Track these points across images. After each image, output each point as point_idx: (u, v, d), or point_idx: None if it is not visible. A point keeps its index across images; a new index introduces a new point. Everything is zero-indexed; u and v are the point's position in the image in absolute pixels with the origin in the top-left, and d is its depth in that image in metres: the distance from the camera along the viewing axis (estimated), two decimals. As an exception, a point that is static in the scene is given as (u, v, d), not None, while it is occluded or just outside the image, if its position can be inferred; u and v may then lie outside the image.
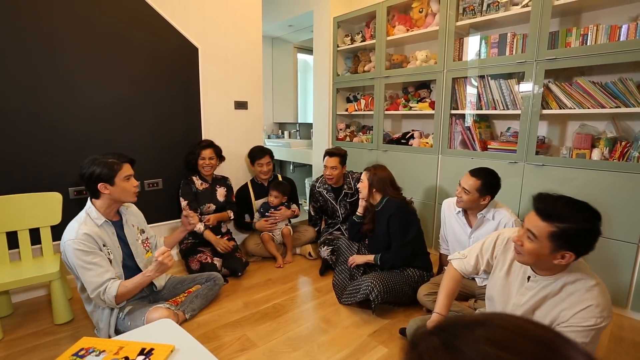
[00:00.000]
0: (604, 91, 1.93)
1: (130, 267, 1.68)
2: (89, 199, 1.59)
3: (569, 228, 1.05)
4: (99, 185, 1.55)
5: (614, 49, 1.84)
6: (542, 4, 2.02)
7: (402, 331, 1.72)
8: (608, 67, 2.01)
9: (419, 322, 1.49)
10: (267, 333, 1.77)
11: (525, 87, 2.14)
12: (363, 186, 2.16)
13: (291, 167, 4.37)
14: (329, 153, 2.57)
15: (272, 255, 2.62)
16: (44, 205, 1.92)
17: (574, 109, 2.02)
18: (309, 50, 4.35)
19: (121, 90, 2.23)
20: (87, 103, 2.12)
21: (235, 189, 2.73)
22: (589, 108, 1.98)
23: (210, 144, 2.45)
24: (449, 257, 1.55)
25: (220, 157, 2.53)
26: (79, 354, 0.90)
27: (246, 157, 2.86)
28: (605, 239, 1.95)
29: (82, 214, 1.56)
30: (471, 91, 2.45)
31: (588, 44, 1.95)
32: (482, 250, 1.42)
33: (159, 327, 1.06)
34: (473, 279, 1.93)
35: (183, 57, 2.46)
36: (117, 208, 1.67)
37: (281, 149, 4.16)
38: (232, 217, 2.58)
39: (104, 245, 1.54)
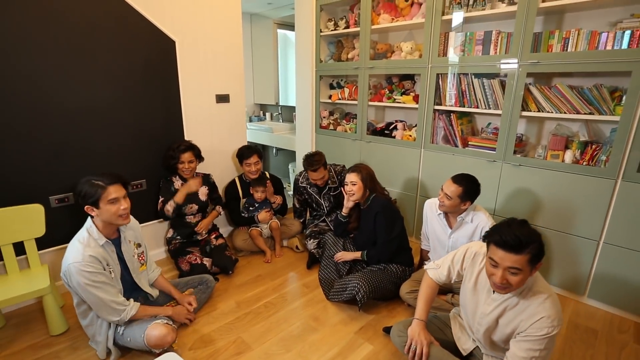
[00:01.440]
0: (580, 97, 2.00)
1: (127, 281, 1.72)
2: (89, 218, 1.60)
3: (536, 247, 1.19)
4: (85, 207, 1.55)
5: (591, 58, 1.89)
6: (528, 6, 2.02)
7: (386, 329, 1.87)
8: (586, 72, 2.07)
9: (401, 327, 1.62)
10: (260, 334, 1.88)
11: (507, 88, 2.19)
12: (358, 188, 2.17)
13: (274, 151, 4.35)
14: (311, 169, 2.50)
15: (261, 250, 2.69)
16: (26, 219, 1.88)
17: (552, 112, 2.10)
18: (289, 26, 4.16)
19: (97, 91, 2.12)
20: (61, 106, 2.01)
21: (220, 186, 2.72)
22: (565, 112, 2.06)
23: (189, 147, 2.40)
24: (425, 267, 1.68)
25: (199, 158, 2.49)
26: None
27: (234, 156, 2.83)
28: (571, 235, 2.13)
29: (83, 234, 1.57)
30: (455, 88, 2.48)
31: (568, 49, 1.99)
32: (453, 262, 1.55)
33: (164, 363, 1.13)
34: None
35: (160, 51, 2.32)
36: (116, 227, 1.67)
37: (263, 134, 4.10)
38: (221, 213, 2.60)
39: (107, 265, 1.59)
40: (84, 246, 1.51)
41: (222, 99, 2.70)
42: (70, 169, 2.10)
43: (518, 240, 1.17)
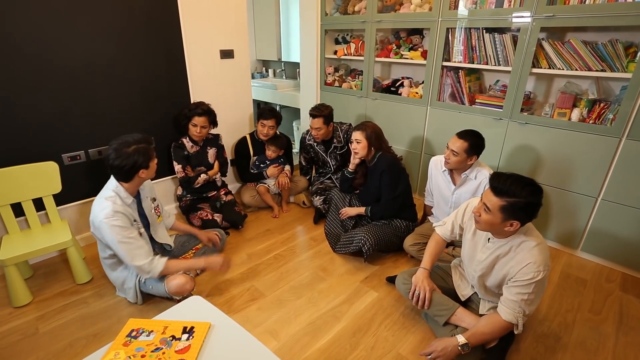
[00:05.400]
0: (593, 53, 1.96)
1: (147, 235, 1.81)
2: (113, 179, 1.64)
3: (516, 202, 1.28)
4: (140, 172, 1.62)
5: (611, 11, 1.83)
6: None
7: (389, 279, 2.00)
8: (602, 26, 2.01)
9: (406, 275, 1.74)
10: (272, 283, 2.01)
11: (519, 43, 2.14)
12: (362, 147, 2.19)
13: (278, 109, 4.30)
14: (311, 114, 2.56)
15: (269, 205, 2.78)
16: (42, 176, 1.93)
17: (562, 69, 2.07)
18: (291, -24, 3.92)
19: (99, 47, 2.07)
20: (65, 63, 1.98)
21: (225, 144, 2.73)
22: (576, 69, 2.03)
23: (205, 112, 2.37)
24: (433, 225, 1.76)
25: (214, 124, 2.48)
26: (132, 334, 1.07)
27: (239, 113, 2.85)
28: (570, 192, 2.19)
29: (109, 193, 1.62)
30: (465, 44, 2.41)
31: (586, 2, 1.92)
32: (456, 217, 1.66)
33: (191, 305, 1.23)
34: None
35: (161, 4, 2.23)
36: (139, 185, 1.74)
37: (267, 91, 4.04)
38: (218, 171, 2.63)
39: (134, 221, 1.67)
40: (112, 203, 1.58)
41: (227, 54, 2.64)
42: (79, 128, 2.12)
43: (500, 187, 1.30)
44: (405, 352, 1.58)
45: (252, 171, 2.78)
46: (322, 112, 2.54)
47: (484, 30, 2.30)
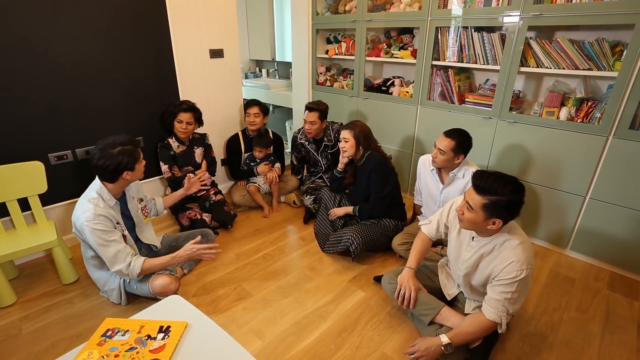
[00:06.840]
0: (580, 52, 1.96)
1: (132, 236, 1.79)
2: (97, 180, 1.63)
3: (498, 200, 1.28)
4: (124, 173, 1.60)
5: (596, 10, 1.83)
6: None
7: (377, 278, 1.99)
8: (589, 25, 2.01)
9: (392, 275, 1.73)
10: (259, 283, 2.00)
11: (507, 42, 2.14)
12: (350, 146, 2.19)
13: (271, 109, 4.29)
14: (308, 107, 2.57)
15: (259, 205, 2.77)
16: (27, 175, 1.92)
17: (550, 68, 2.07)
18: (284, -25, 3.92)
19: (87, 47, 2.06)
20: (52, 62, 1.97)
21: (215, 143, 2.72)
22: (564, 68, 2.03)
23: (190, 108, 2.37)
24: (419, 224, 1.76)
25: (199, 122, 2.47)
26: (107, 334, 1.06)
27: (229, 112, 2.85)
28: (558, 191, 2.19)
29: (92, 194, 1.60)
30: (454, 43, 2.41)
31: (573, 0, 1.92)
32: (441, 216, 1.66)
33: (170, 304, 1.22)
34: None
35: (149, 3, 2.22)
36: (125, 187, 1.72)
37: (260, 91, 4.03)
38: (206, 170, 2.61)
39: (117, 223, 1.65)
40: (94, 206, 1.56)
41: (216, 54, 2.63)
42: (66, 127, 2.11)
43: (482, 185, 1.30)
44: (390, 352, 1.58)
45: (242, 169, 2.77)
46: (319, 106, 2.56)
47: (473, 29, 2.29)
